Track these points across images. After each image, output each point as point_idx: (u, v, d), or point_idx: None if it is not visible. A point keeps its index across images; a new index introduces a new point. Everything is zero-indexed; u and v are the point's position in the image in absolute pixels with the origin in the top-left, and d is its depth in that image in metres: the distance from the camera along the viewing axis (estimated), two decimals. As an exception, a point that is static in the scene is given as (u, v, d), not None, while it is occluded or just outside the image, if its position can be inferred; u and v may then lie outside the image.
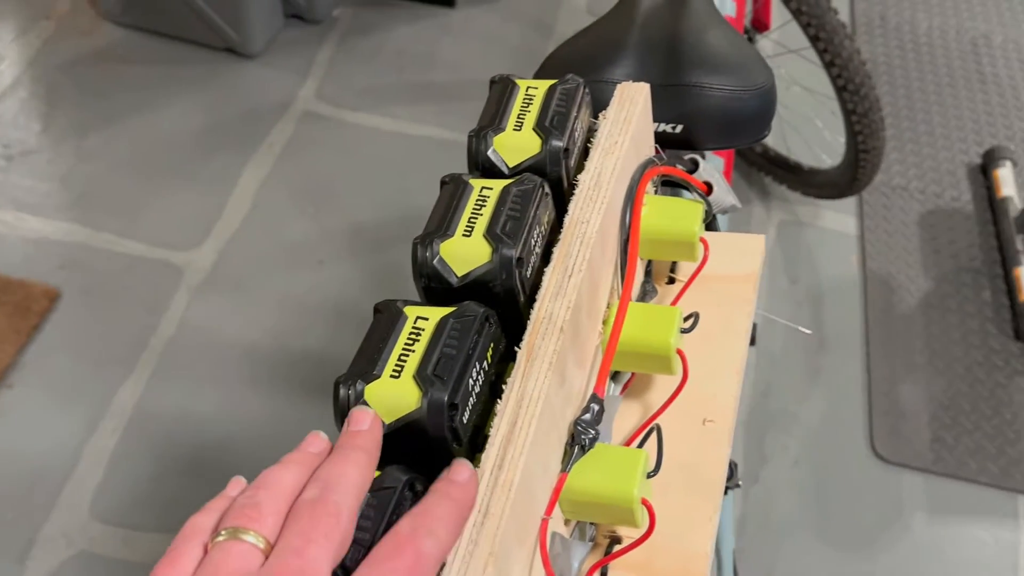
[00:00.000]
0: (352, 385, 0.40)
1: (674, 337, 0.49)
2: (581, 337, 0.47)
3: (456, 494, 0.37)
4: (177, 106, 1.87)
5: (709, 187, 0.62)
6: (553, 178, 0.50)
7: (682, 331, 0.52)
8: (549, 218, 0.49)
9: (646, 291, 0.58)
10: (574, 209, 0.48)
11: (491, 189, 0.48)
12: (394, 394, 0.40)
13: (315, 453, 0.38)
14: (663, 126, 0.62)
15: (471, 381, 0.41)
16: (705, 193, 0.61)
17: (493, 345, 0.43)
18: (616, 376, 0.54)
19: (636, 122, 0.53)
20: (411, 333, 0.42)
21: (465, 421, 0.41)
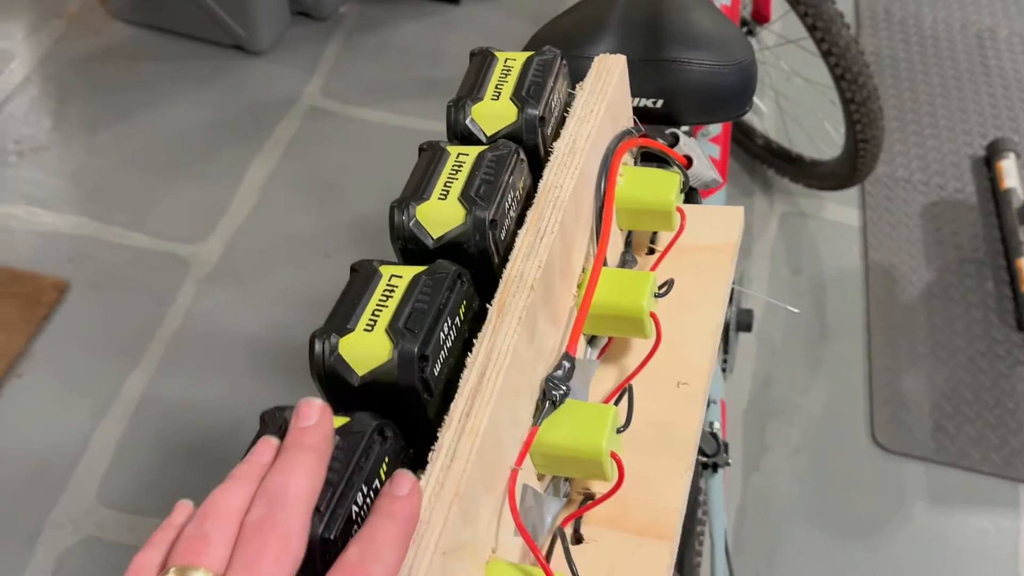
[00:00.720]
0: (327, 339, 0.42)
1: (647, 300, 0.51)
2: (554, 297, 0.48)
3: (399, 512, 0.36)
4: (185, 102, 1.89)
5: (689, 161, 0.63)
6: (529, 146, 0.52)
7: (657, 296, 0.53)
8: (524, 184, 0.50)
9: (626, 261, 0.59)
10: (548, 175, 0.50)
11: (467, 155, 0.49)
12: (367, 347, 0.42)
13: (264, 464, 0.37)
14: (644, 101, 0.64)
15: (442, 335, 0.42)
16: (685, 166, 0.62)
17: (466, 303, 0.45)
18: (594, 341, 0.55)
19: (612, 92, 0.54)
20: (385, 290, 0.44)
21: (436, 373, 0.42)
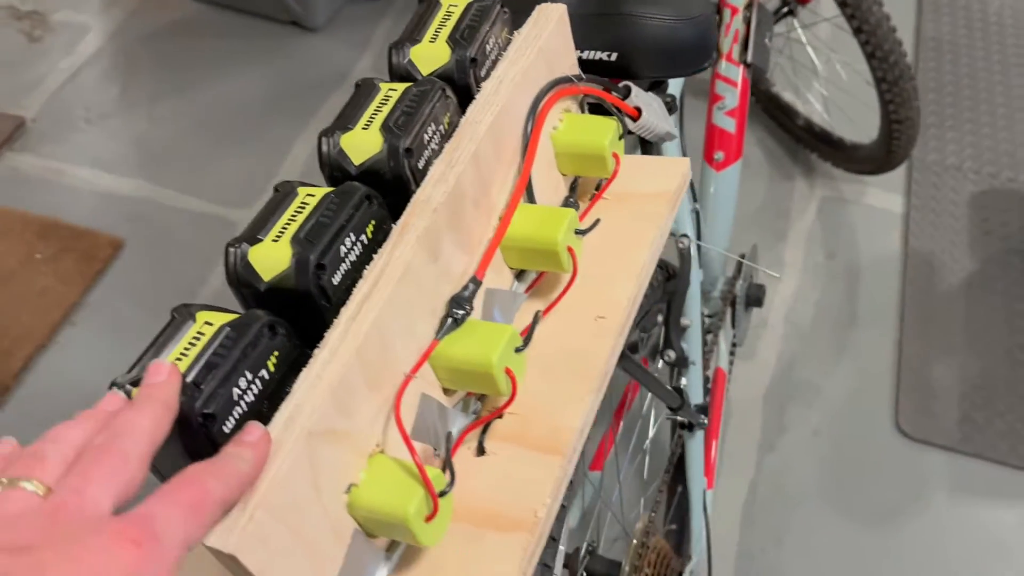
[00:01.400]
0: (238, 247, 0.46)
1: (562, 234, 0.53)
2: (465, 224, 0.51)
3: (246, 453, 0.37)
4: (242, 76, 1.98)
5: (639, 111, 0.65)
6: (461, 85, 0.55)
7: (579, 232, 0.56)
8: (450, 120, 0.53)
9: (568, 204, 0.62)
10: (470, 111, 0.53)
11: (395, 90, 0.52)
12: (272, 255, 0.45)
13: (110, 412, 0.38)
14: (599, 54, 0.66)
15: (343, 248, 0.46)
16: (634, 117, 0.65)
17: (375, 223, 0.48)
18: (523, 276, 0.58)
19: (548, 39, 0.57)
20: (298, 207, 0.47)
21: (336, 283, 0.46)
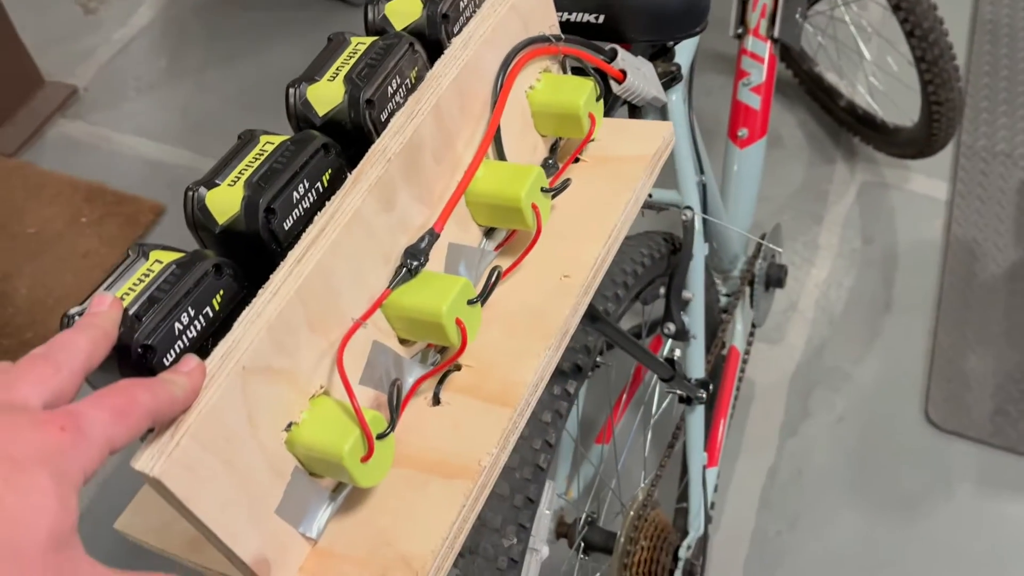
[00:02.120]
0: (195, 191, 0.47)
1: (526, 191, 0.53)
2: (425, 177, 0.51)
3: (180, 380, 0.39)
4: (286, 49, 2.01)
5: (624, 75, 0.64)
6: (432, 41, 0.55)
7: (546, 191, 0.56)
8: (417, 74, 0.54)
9: (547, 166, 0.62)
10: (436, 65, 0.53)
11: (363, 44, 0.53)
12: (226, 199, 0.47)
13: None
14: (586, 16, 0.65)
15: (296, 195, 0.47)
16: (619, 79, 0.64)
17: (332, 172, 0.49)
18: (492, 234, 0.58)
19: (523, -3, 0.56)
20: (257, 153, 0.49)
21: (287, 229, 0.47)
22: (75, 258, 1.66)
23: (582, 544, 0.97)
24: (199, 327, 0.43)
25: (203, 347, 0.43)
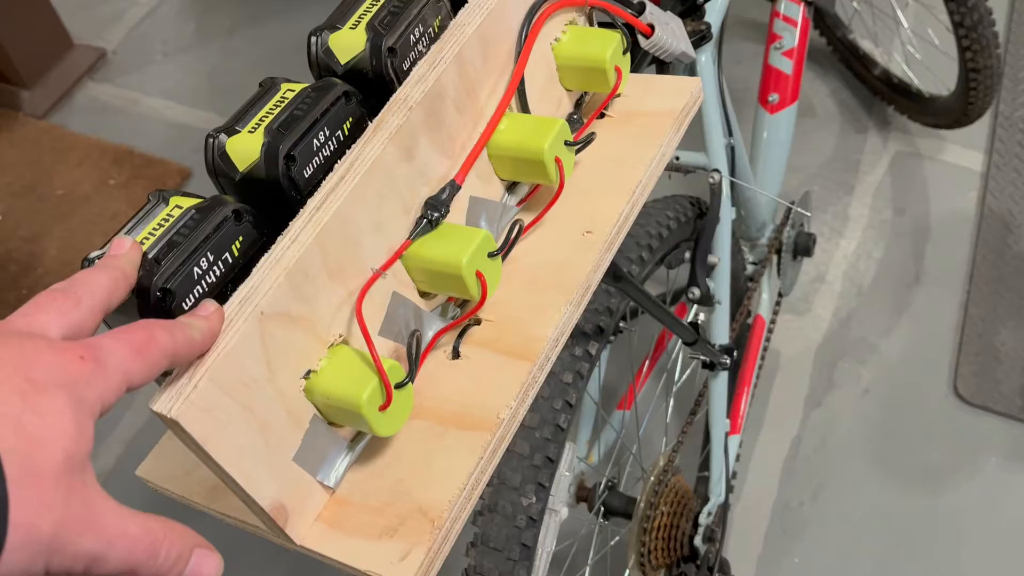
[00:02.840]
0: (215, 138, 0.47)
1: (549, 143, 0.53)
2: (446, 127, 0.51)
3: (199, 323, 0.39)
4: (313, 12, 2.00)
5: (652, 29, 0.63)
6: (458, -9, 0.54)
7: (570, 145, 0.55)
8: (440, 23, 0.53)
9: (572, 120, 0.61)
10: (460, 14, 0.52)
11: (387, -8, 0.52)
12: (247, 146, 0.46)
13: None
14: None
15: (317, 142, 0.47)
16: (647, 34, 0.63)
17: (354, 120, 0.48)
18: (515, 188, 0.57)
19: (549, -54, 0.55)
20: (278, 101, 0.48)
21: (307, 176, 0.46)
22: (103, 220, 1.67)
23: (602, 508, 0.97)
24: (218, 272, 0.43)
25: (222, 293, 0.43)
